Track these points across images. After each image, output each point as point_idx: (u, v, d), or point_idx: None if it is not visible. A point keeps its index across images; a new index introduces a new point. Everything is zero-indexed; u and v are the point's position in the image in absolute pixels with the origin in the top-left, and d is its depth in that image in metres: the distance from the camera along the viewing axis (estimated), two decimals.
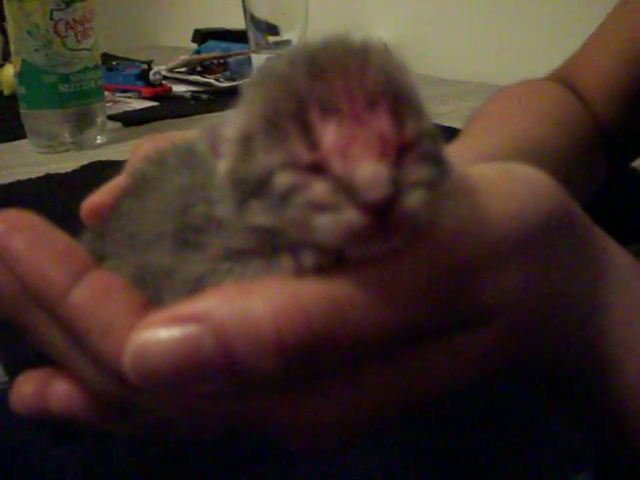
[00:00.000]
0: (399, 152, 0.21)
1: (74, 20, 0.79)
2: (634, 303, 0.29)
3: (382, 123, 0.21)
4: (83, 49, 0.81)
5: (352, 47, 0.23)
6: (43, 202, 0.68)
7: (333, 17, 1.23)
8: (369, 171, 0.20)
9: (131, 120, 0.95)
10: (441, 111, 0.83)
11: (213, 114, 0.99)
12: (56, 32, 0.79)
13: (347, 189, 0.21)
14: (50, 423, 0.30)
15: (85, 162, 0.76)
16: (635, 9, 0.56)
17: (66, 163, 0.77)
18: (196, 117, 0.97)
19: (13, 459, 0.36)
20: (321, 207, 0.21)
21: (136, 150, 0.33)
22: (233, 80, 1.09)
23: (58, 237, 0.25)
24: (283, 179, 0.21)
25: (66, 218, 0.26)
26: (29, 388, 0.27)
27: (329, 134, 0.21)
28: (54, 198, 0.68)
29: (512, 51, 1.08)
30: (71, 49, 0.80)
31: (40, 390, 0.27)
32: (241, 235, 0.24)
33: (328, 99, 0.21)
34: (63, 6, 0.79)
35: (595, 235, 0.29)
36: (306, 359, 0.22)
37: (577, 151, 0.51)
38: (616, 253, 0.30)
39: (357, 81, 0.21)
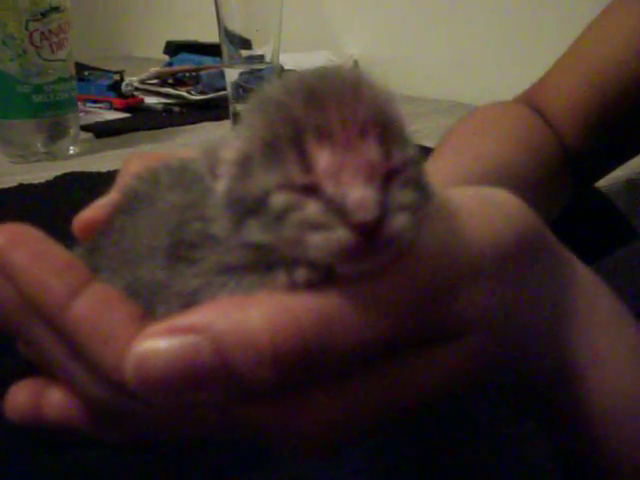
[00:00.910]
0: (386, 177, 0.23)
1: (49, 31, 0.80)
2: (597, 316, 0.31)
3: (372, 150, 0.23)
4: (57, 60, 0.81)
5: (346, 78, 0.25)
6: (15, 213, 0.68)
7: (305, 33, 1.25)
8: (359, 194, 0.22)
9: (103, 131, 0.95)
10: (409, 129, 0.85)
11: (185, 127, 1.00)
12: (31, 42, 0.79)
13: (338, 210, 0.22)
14: (42, 431, 0.31)
15: (58, 172, 0.76)
16: (597, 38, 0.59)
17: (38, 173, 0.77)
18: (168, 129, 0.98)
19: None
20: (314, 226, 0.23)
21: (126, 167, 0.35)
22: (205, 93, 1.09)
23: (58, 250, 0.26)
24: (279, 199, 0.23)
25: (40, 229, 0.27)
26: (23, 396, 0.28)
27: (323, 158, 0.23)
28: (27, 209, 0.68)
29: (483, 70, 1.11)
30: (46, 59, 0.80)
31: (35, 399, 0.28)
32: (235, 252, 0.25)
33: (323, 126, 0.23)
34: (39, 17, 0.79)
35: (562, 254, 0.31)
36: (299, 368, 0.23)
37: (543, 173, 0.54)
38: (581, 270, 0.32)
39: (350, 110, 0.23)
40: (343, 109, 0.23)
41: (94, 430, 0.28)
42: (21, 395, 0.28)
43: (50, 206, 0.68)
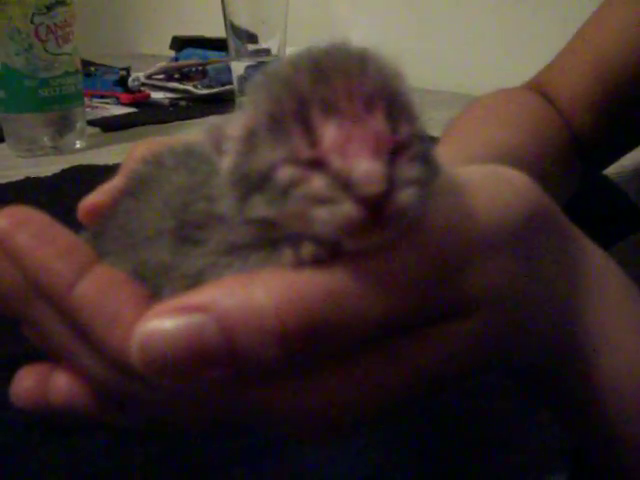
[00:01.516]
0: (393, 151, 0.23)
1: (55, 24, 0.80)
2: (609, 299, 0.31)
3: (378, 124, 0.23)
4: (64, 54, 0.81)
5: (352, 53, 0.24)
6: (23, 205, 0.68)
7: (311, 26, 1.24)
8: (366, 167, 0.22)
9: (110, 126, 0.95)
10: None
11: (191, 121, 0.99)
12: (37, 36, 0.79)
13: (345, 184, 0.22)
14: (49, 416, 0.31)
15: (65, 166, 0.76)
16: (604, 23, 0.58)
17: (45, 167, 0.77)
18: (175, 124, 0.98)
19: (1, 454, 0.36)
20: (320, 200, 0.22)
21: (132, 153, 0.34)
22: (211, 87, 1.09)
23: (62, 232, 0.26)
24: (284, 173, 0.23)
25: None
26: (29, 382, 0.28)
27: (329, 132, 0.23)
28: (35, 202, 0.68)
29: (486, 61, 1.11)
30: (52, 53, 0.80)
31: (40, 383, 0.28)
32: (241, 230, 0.25)
33: (329, 100, 0.23)
34: (44, 10, 0.79)
35: (572, 232, 0.31)
36: (305, 346, 0.23)
37: (551, 159, 0.53)
38: (591, 249, 0.31)
39: (356, 84, 0.23)
40: (349, 82, 0.23)
41: (100, 414, 0.28)
42: (27, 380, 0.28)
43: (57, 199, 0.68)
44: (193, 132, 0.93)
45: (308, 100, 0.23)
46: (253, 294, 0.22)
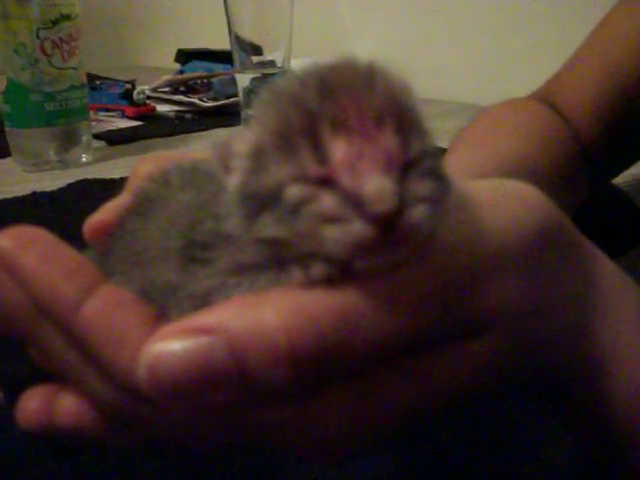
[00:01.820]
0: (404, 168, 0.22)
1: (60, 39, 0.80)
2: (622, 312, 0.30)
3: (388, 140, 0.22)
4: (69, 68, 0.81)
5: (359, 68, 0.24)
6: (30, 220, 0.68)
7: (316, 38, 1.24)
8: (376, 185, 0.21)
9: (116, 139, 0.95)
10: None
11: (197, 133, 1.00)
12: (42, 51, 0.79)
13: (355, 202, 0.22)
14: (52, 438, 0.30)
15: (71, 180, 0.76)
16: (612, 32, 0.58)
17: (51, 182, 0.77)
18: (180, 136, 0.98)
19: (9, 473, 0.36)
20: (330, 219, 0.22)
21: (137, 169, 0.34)
22: (217, 100, 1.10)
23: (68, 252, 0.26)
24: (294, 192, 0.22)
25: (54, 236, 0.27)
26: (35, 404, 0.28)
27: (338, 149, 0.22)
28: (41, 216, 0.68)
29: (491, 72, 1.11)
30: (57, 68, 0.80)
31: (46, 406, 0.27)
32: (249, 249, 0.24)
33: (338, 116, 0.22)
34: (50, 25, 0.79)
35: (586, 248, 0.30)
36: (317, 369, 0.22)
37: (560, 169, 0.53)
38: (605, 264, 0.31)
39: (365, 100, 0.23)
40: (358, 99, 0.23)
41: (107, 436, 0.27)
42: (33, 402, 0.28)
43: (64, 213, 0.68)
44: (199, 145, 0.94)
45: (317, 117, 0.23)
46: (263, 315, 0.22)
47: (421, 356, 0.24)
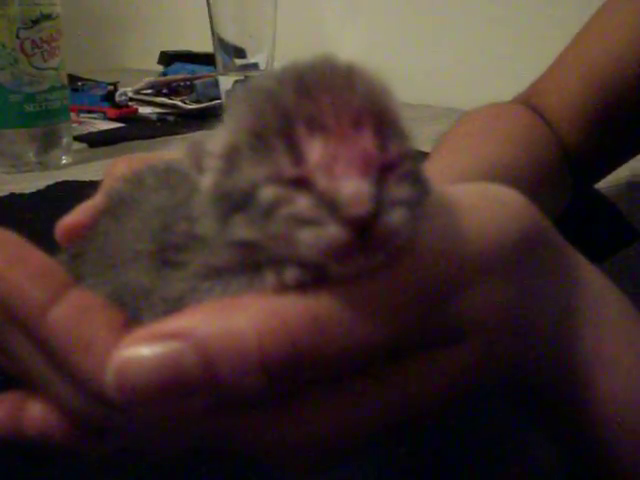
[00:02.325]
0: (382, 171, 0.22)
1: (41, 39, 0.79)
2: (604, 317, 0.30)
3: (366, 142, 0.22)
4: (50, 68, 0.80)
5: (338, 68, 0.23)
6: (7, 222, 0.67)
7: (299, 41, 1.24)
8: (353, 187, 0.21)
9: (97, 141, 0.94)
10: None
11: (179, 136, 0.99)
12: (22, 51, 0.78)
13: (330, 204, 0.21)
14: (22, 446, 0.29)
15: (50, 182, 0.75)
16: (596, 37, 0.58)
17: (30, 183, 0.76)
18: (162, 139, 0.97)
19: None
20: (304, 221, 0.21)
21: (111, 170, 0.33)
22: (199, 102, 1.09)
23: (36, 255, 0.25)
24: (268, 193, 0.22)
25: (32, 238, 0.26)
26: (2, 411, 0.27)
27: (314, 150, 0.22)
28: (19, 218, 0.67)
29: (476, 75, 1.11)
30: (37, 68, 0.79)
31: (14, 413, 0.27)
32: (222, 252, 0.24)
33: (314, 116, 0.22)
34: (30, 25, 0.78)
35: (568, 253, 0.30)
36: (289, 375, 0.22)
37: (543, 173, 0.53)
38: (588, 270, 0.31)
39: (343, 100, 0.22)
40: (336, 98, 0.22)
41: (76, 443, 0.27)
42: (0, 410, 0.27)
43: (42, 215, 0.67)
44: (178, 148, 0.93)
45: (293, 116, 0.22)
46: (234, 320, 0.21)
47: (397, 363, 0.24)
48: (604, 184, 0.67)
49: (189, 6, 1.53)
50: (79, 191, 0.80)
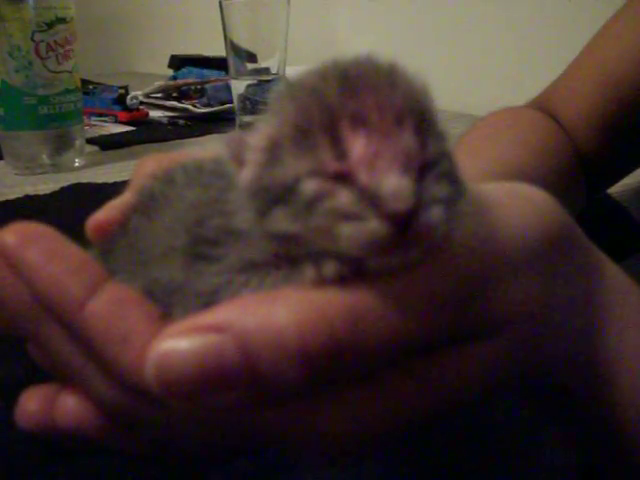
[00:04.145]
0: (421, 169, 0.22)
1: (55, 42, 0.79)
2: (627, 315, 0.30)
3: (408, 140, 0.22)
4: (64, 71, 0.81)
5: (381, 66, 0.24)
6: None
7: (310, 46, 1.25)
8: (394, 183, 0.21)
9: (109, 144, 0.94)
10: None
11: (190, 139, 0.99)
12: (37, 53, 0.78)
13: (372, 199, 0.21)
14: (50, 440, 0.30)
15: (63, 184, 0.75)
16: (611, 42, 0.58)
17: (44, 185, 0.76)
18: (173, 142, 0.98)
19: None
20: (345, 216, 0.22)
21: (140, 168, 0.34)
22: (210, 106, 1.09)
23: (73, 249, 0.25)
24: (310, 186, 0.22)
25: None
26: (35, 404, 0.27)
27: (357, 146, 0.22)
28: (33, 219, 0.68)
29: (488, 81, 1.11)
30: (52, 71, 0.80)
31: (47, 406, 0.27)
32: (259, 246, 0.24)
33: (358, 112, 0.22)
34: (44, 28, 0.78)
35: (591, 251, 0.30)
36: (328, 368, 0.22)
37: (556, 177, 0.53)
38: (611, 268, 0.31)
39: (386, 98, 0.22)
40: (379, 96, 0.22)
41: (109, 438, 0.27)
42: (32, 402, 0.27)
43: (56, 216, 0.68)
44: (208, 147, 0.94)
45: (336, 111, 0.22)
46: (273, 313, 0.22)
47: (431, 357, 0.24)
48: (614, 188, 0.67)
49: (199, 11, 1.54)
50: (92, 193, 0.81)
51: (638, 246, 0.68)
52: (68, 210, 0.71)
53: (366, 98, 0.22)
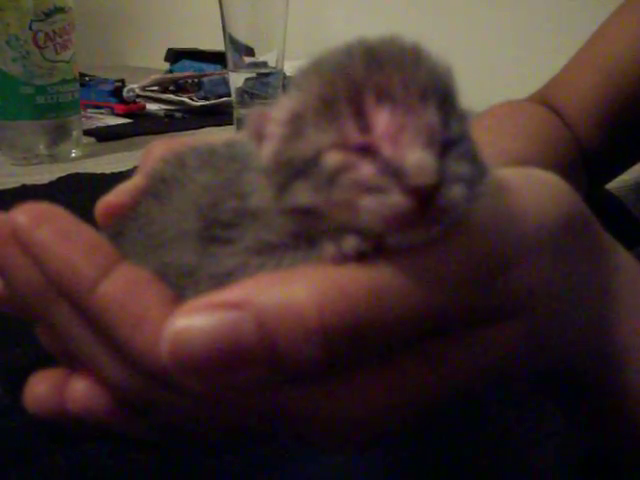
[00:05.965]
0: (443, 147, 0.22)
1: (53, 32, 0.79)
2: (638, 303, 0.30)
3: (432, 116, 0.22)
4: (61, 61, 0.80)
5: (406, 45, 0.24)
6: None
7: (307, 41, 1.24)
8: (418, 157, 0.21)
9: (105, 136, 0.94)
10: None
11: (187, 132, 0.99)
12: (35, 43, 0.78)
13: (395, 173, 0.21)
14: (55, 425, 0.29)
15: (60, 175, 0.75)
16: (611, 37, 0.59)
17: (41, 175, 0.76)
18: (170, 134, 0.97)
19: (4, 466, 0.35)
20: (368, 188, 0.21)
21: (150, 152, 0.33)
22: (207, 99, 1.09)
23: (85, 230, 0.25)
24: (332, 158, 0.22)
25: None
26: (44, 388, 0.27)
27: (382, 119, 0.22)
28: None
29: (486, 77, 1.11)
30: (49, 60, 0.79)
31: (57, 390, 0.26)
32: (277, 225, 0.24)
33: (383, 87, 0.22)
34: (42, 17, 0.78)
35: (605, 237, 0.30)
36: (348, 347, 0.22)
37: (562, 170, 0.53)
38: (623, 256, 0.31)
39: (411, 74, 0.22)
40: (404, 72, 0.22)
41: (119, 423, 0.26)
42: (41, 386, 0.27)
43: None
44: (221, 133, 0.92)
45: (362, 85, 0.22)
46: (293, 290, 0.21)
47: (449, 339, 0.24)
48: (612, 184, 0.67)
49: (196, 4, 1.53)
50: (90, 183, 0.80)
51: (636, 241, 0.68)
52: (65, 200, 0.71)
53: (391, 73, 0.22)
